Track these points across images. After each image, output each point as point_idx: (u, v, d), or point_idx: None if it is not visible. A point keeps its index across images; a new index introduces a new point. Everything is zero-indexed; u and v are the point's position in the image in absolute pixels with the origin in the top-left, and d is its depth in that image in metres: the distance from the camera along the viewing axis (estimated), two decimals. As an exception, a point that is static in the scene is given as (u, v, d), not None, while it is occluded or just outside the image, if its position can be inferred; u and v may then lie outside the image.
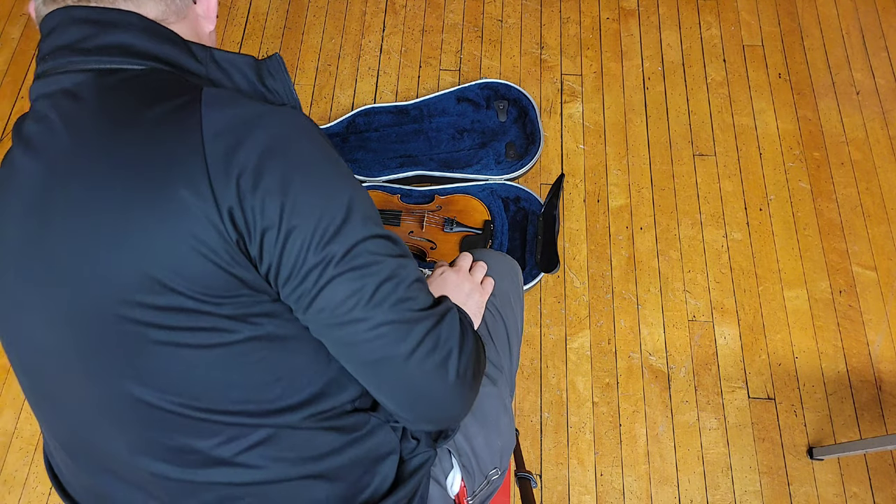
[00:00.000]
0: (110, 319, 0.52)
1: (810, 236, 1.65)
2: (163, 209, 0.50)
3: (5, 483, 1.42)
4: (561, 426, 1.46)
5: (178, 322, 0.52)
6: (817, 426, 1.46)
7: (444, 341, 0.59)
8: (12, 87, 1.86)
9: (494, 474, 0.86)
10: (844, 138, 1.77)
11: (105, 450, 0.58)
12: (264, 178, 0.52)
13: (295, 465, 0.59)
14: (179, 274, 0.51)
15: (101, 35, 0.56)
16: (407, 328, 0.57)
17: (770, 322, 1.55)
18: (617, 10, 1.96)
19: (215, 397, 0.55)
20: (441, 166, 1.67)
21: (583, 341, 1.54)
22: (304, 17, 1.96)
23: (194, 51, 0.60)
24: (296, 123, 0.56)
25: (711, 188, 1.71)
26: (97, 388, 0.56)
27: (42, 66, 0.57)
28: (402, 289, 0.57)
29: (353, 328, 0.55)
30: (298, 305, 0.55)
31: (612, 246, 1.64)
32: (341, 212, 0.55)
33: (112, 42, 0.56)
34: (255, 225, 0.52)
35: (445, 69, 1.88)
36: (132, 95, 0.55)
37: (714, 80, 1.85)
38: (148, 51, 0.57)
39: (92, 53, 0.56)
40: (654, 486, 1.40)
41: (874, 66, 1.87)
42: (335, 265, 0.53)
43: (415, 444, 0.70)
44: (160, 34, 0.58)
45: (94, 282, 0.52)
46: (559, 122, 1.79)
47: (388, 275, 0.56)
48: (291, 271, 0.53)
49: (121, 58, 0.56)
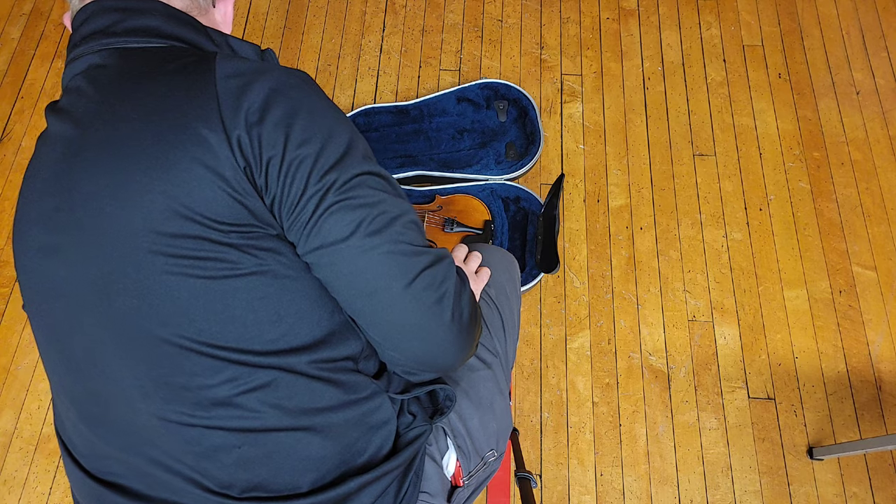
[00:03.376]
0: (127, 250, 0.55)
1: (810, 236, 1.65)
2: (178, 141, 0.54)
3: (5, 483, 1.42)
4: (561, 426, 1.46)
5: (187, 250, 0.54)
6: (817, 426, 1.46)
7: (441, 281, 0.61)
8: (12, 87, 1.86)
9: (491, 456, 0.87)
10: (844, 138, 1.77)
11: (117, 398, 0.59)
12: (270, 111, 0.55)
13: (292, 415, 0.59)
14: (193, 201, 0.54)
15: (128, 20, 0.61)
16: (404, 260, 0.58)
17: (770, 322, 1.55)
18: (617, 10, 1.96)
19: (218, 331, 0.56)
20: (441, 166, 1.67)
21: (583, 341, 1.54)
22: (304, 17, 1.96)
23: (212, 35, 0.65)
24: (302, 77, 0.60)
25: (711, 188, 1.71)
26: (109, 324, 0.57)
27: (74, 51, 0.62)
28: (399, 224, 0.59)
29: (350, 257, 0.57)
30: (300, 236, 0.57)
31: (612, 246, 1.64)
32: (342, 146, 0.58)
33: (138, 25, 0.61)
34: (262, 153, 0.55)
35: (445, 69, 1.88)
36: (153, 59, 0.59)
37: (714, 80, 1.85)
38: (172, 32, 0.62)
39: (120, 35, 0.61)
40: (654, 486, 1.40)
41: (874, 66, 1.87)
42: (335, 192, 0.56)
43: (411, 419, 0.71)
44: (182, 20, 0.63)
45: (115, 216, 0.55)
46: (559, 122, 1.79)
47: (387, 209, 0.58)
48: (294, 200, 0.56)
49: (146, 38, 0.61)
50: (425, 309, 0.59)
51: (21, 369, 1.53)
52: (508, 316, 0.96)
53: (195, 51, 0.62)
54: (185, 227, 0.54)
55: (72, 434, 0.65)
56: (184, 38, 0.63)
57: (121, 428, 0.60)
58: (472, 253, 0.89)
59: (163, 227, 0.54)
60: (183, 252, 0.54)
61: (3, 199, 1.72)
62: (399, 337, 0.61)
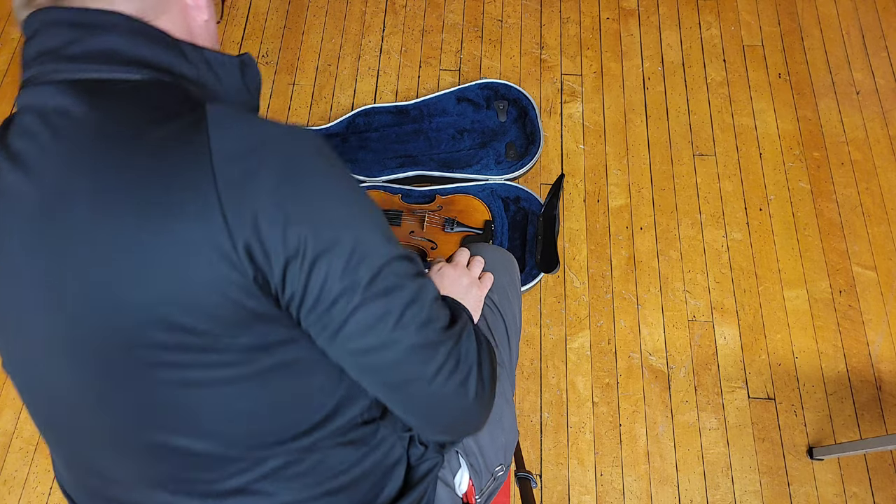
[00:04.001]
0: (117, 355, 0.50)
1: (810, 236, 1.65)
2: (173, 241, 0.47)
3: (5, 483, 1.42)
4: (561, 426, 1.46)
5: (189, 360, 0.50)
6: (817, 426, 1.46)
7: (465, 360, 0.59)
8: (12, 87, 1.86)
9: (500, 470, 0.87)
10: (844, 138, 1.77)
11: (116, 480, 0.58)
12: (283, 208, 0.48)
13: (309, 487, 0.58)
14: (191, 310, 0.48)
15: (85, 39, 0.52)
16: (431, 350, 0.56)
17: (770, 322, 1.55)
18: (617, 10, 1.96)
19: (228, 433, 0.54)
20: (441, 166, 1.67)
21: (583, 341, 1.54)
22: (304, 17, 1.96)
23: (186, 52, 0.56)
24: (307, 145, 0.53)
25: (711, 188, 1.71)
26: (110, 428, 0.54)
27: (27, 72, 0.54)
28: (424, 311, 0.56)
29: (378, 353, 0.54)
30: (322, 333, 0.54)
31: (612, 246, 1.64)
32: (363, 235, 0.53)
33: (99, 48, 0.52)
34: (277, 256, 0.49)
35: (445, 69, 1.88)
36: (131, 113, 0.51)
37: (714, 80, 1.85)
38: (137, 56, 0.53)
39: (79, 60, 0.52)
40: (654, 486, 1.40)
41: (874, 66, 1.87)
42: (362, 291, 0.51)
43: (422, 451, 0.70)
44: (148, 35, 0.54)
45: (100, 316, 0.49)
46: (559, 122, 1.79)
47: (412, 297, 0.55)
48: (316, 300, 0.51)
49: (110, 66, 0.52)
50: (451, 392, 0.58)
51: (21, 369, 1.53)
52: (511, 320, 0.96)
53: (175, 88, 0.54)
54: (187, 339, 0.49)
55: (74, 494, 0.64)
56: (154, 64, 0.53)
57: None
58: (475, 258, 0.87)
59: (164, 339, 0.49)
60: (187, 361, 0.50)
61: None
62: (425, 416, 0.61)
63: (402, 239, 1.54)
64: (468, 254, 0.88)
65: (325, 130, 1.73)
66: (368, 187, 1.65)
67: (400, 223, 1.56)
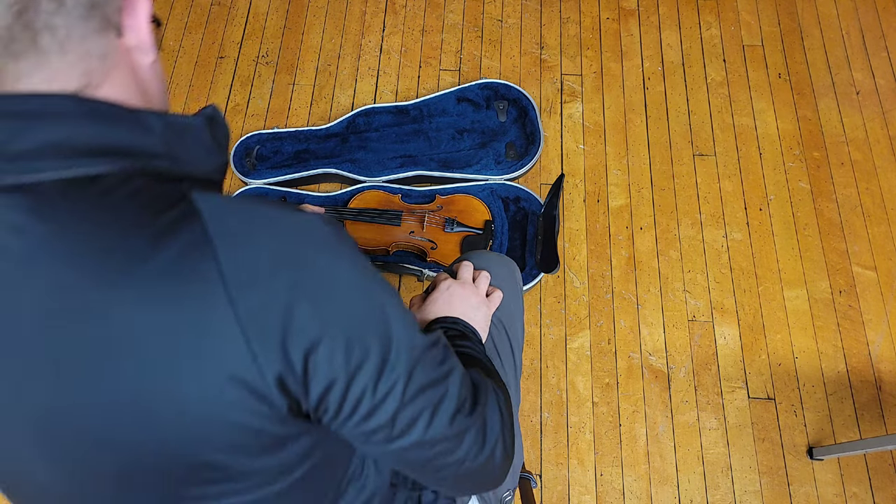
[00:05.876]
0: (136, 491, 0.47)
1: (810, 236, 1.65)
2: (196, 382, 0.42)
3: (5, 483, 1.42)
4: (561, 426, 1.46)
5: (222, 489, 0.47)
6: (817, 426, 1.46)
7: (490, 435, 0.60)
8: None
9: (508, 496, 0.87)
10: (844, 138, 1.77)
11: None
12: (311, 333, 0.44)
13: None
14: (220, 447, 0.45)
15: (27, 132, 0.41)
16: (460, 438, 0.56)
17: (770, 322, 1.55)
18: (617, 10, 1.96)
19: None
20: (441, 166, 1.67)
21: (583, 341, 1.54)
22: (304, 17, 1.96)
23: (149, 123, 0.46)
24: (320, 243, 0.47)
25: (711, 188, 1.71)
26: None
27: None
28: (454, 402, 0.55)
29: (411, 452, 0.54)
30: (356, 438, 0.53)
31: (612, 246, 1.64)
32: (391, 334, 0.49)
33: (46, 141, 0.41)
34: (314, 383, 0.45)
35: (445, 69, 1.88)
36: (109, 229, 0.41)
37: (714, 80, 1.85)
38: (95, 144, 0.43)
39: (25, 159, 0.41)
40: (654, 486, 1.40)
41: (874, 66, 1.87)
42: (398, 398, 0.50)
43: (433, 497, 0.71)
44: (102, 115, 0.44)
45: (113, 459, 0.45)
46: (559, 122, 1.79)
47: (443, 392, 0.54)
48: (352, 412, 0.48)
49: (62, 160, 0.42)
50: (479, 465, 0.59)
51: (21, 369, 1.53)
52: (515, 337, 0.95)
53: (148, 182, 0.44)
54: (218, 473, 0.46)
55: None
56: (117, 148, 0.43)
57: None
58: (482, 273, 0.85)
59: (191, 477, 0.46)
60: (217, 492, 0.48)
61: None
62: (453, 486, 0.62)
63: (402, 239, 1.54)
64: (472, 268, 0.86)
65: (324, 130, 1.73)
66: (368, 187, 1.65)
67: (400, 223, 1.56)
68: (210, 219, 0.42)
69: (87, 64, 0.43)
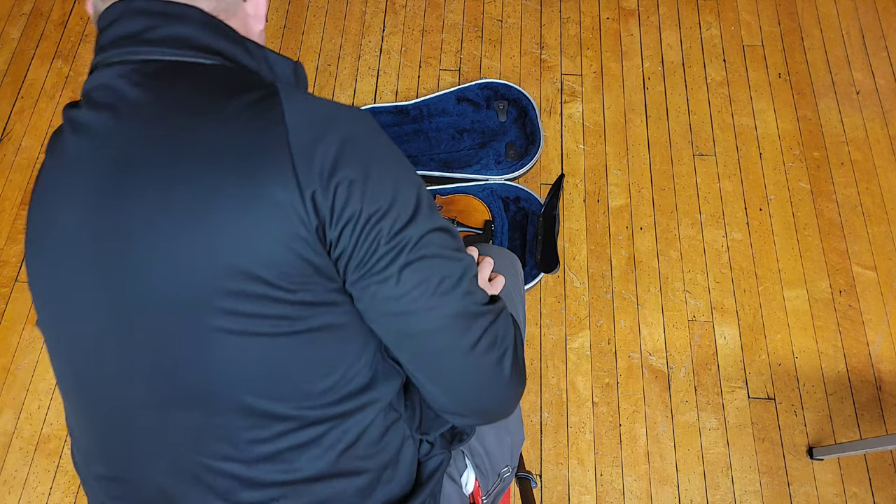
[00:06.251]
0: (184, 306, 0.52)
1: (810, 236, 1.65)
2: (248, 196, 0.51)
3: (5, 483, 1.42)
4: (561, 426, 1.46)
5: (248, 308, 0.52)
6: (817, 426, 1.46)
7: (502, 339, 0.61)
8: (12, 87, 1.86)
9: (506, 472, 0.87)
10: (844, 138, 1.77)
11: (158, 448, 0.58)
12: (345, 167, 0.53)
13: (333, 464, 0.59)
14: (260, 260, 0.52)
15: (164, 26, 0.56)
16: (469, 321, 0.58)
17: (770, 322, 1.55)
18: (617, 10, 1.96)
19: (270, 388, 0.55)
20: (441, 166, 1.67)
21: (583, 341, 1.54)
22: (304, 17, 1.96)
23: (249, 48, 0.61)
24: (369, 122, 0.59)
25: (711, 188, 1.71)
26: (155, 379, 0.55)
27: (100, 56, 0.57)
28: (465, 282, 0.58)
29: (417, 318, 0.56)
30: (364, 293, 0.56)
31: (612, 246, 1.64)
32: (412, 201, 0.56)
33: (176, 34, 0.57)
34: (337, 211, 0.53)
35: (445, 69, 1.88)
36: (204, 88, 0.55)
37: (714, 80, 1.85)
38: (210, 45, 0.58)
39: (156, 44, 0.56)
40: (654, 486, 1.40)
41: (874, 66, 1.87)
42: (407, 253, 0.55)
43: (429, 448, 0.70)
44: (219, 29, 0.59)
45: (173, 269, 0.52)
46: (559, 122, 1.79)
47: (454, 267, 0.57)
48: (364, 258, 0.54)
49: (183, 50, 0.57)
50: (488, 368, 0.59)
51: (21, 369, 1.53)
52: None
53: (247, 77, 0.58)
54: (249, 287, 0.52)
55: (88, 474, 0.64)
56: (224, 53, 0.59)
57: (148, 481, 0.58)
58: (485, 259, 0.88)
59: (225, 286, 0.51)
60: (243, 310, 0.52)
61: (3, 198, 1.72)
62: (459, 392, 0.61)
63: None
64: (477, 253, 0.88)
65: (325, 130, 1.73)
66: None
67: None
68: (282, 89, 0.55)
69: (218, 4, 0.60)
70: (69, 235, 0.55)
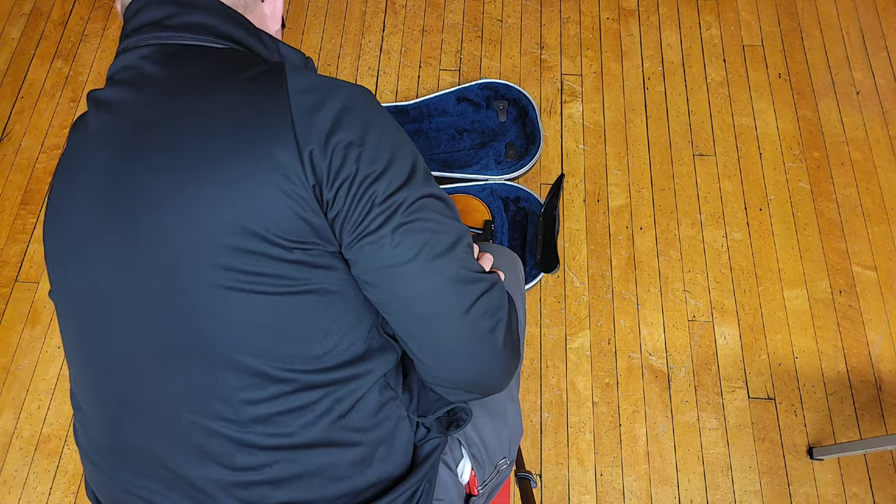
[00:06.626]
0: (187, 261, 0.54)
1: (810, 236, 1.65)
2: (250, 157, 0.54)
3: (5, 483, 1.42)
4: (561, 426, 1.46)
5: (247, 265, 0.54)
6: (817, 426, 1.46)
7: (496, 308, 0.61)
8: (12, 87, 1.86)
9: (504, 464, 0.87)
10: (844, 138, 1.77)
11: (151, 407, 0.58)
12: (343, 129, 0.55)
13: (325, 432, 0.59)
14: (260, 218, 0.54)
15: (185, 14, 0.61)
16: (464, 286, 0.58)
17: (770, 322, 1.55)
18: (617, 10, 1.96)
19: (266, 347, 0.56)
20: (441, 166, 1.67)
21: (583, 341, 1.54)
22: (304, 17, 1.96)
23: (264, 39, 0.65)
24: (368, 94, 0.61)
25: (711, 188, 1.71)
26: (157, 334, 0.56)
27: (125, 42, 0.62)
28: (459, 249, 0.59)
29: (411, 280, 0.57)
30: (359, 255, 0.57)
31: (612, 246, 1.64)
32: (408, 166, 0.58)
33: (195, 20, 0.61)
34: (333, 171, 0.55)
35: (445, 69, 1.88)
36: (218, 64, 0.59)
37: (714, 80, 1.85)
38: (227, 32, 0.62)
39: (176, 30, 0.61)
40: (654, 486, 1.40)
41: (874, 66, 1.87)
42: (400, 214, 0.56)
43: (425, 432, 0.70)
44: (236, 19, 0.63)
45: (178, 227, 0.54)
46: (559, 122, 1.79)
47: (448, 233, 0.58)
48: (359, 219, 0.55)
49: (201, 35, 0.61)
50: (480, 336, 0.60)
51: (21, 369, 1.53)
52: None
53: (258, 59, 0.62)
54: (249, 243, 0.54)
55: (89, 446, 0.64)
56: (239, 41, 0.63)
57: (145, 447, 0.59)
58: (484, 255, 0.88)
59: (226, 241, 0.54)
60: (243, 267, 0.54)
61: (3, 198, 1.72)
62: (451, 360, 0.61)
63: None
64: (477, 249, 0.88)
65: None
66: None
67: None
68: (289, 65, 0.59)
69: (236, 2, 0.65)
70: (84, 197, 0.58)
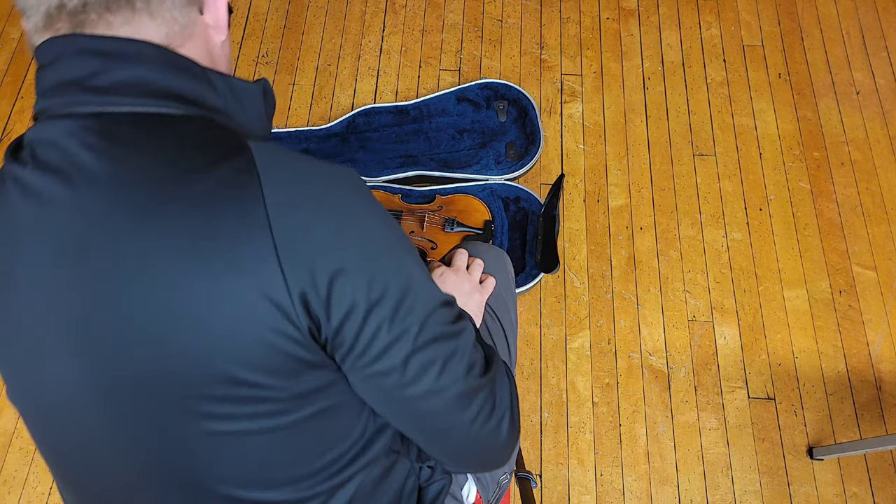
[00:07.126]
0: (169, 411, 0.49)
1: (810, 236, 1.65)
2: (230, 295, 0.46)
3: (5, 483, 1.42)
4: (561, 426, 1.46)
5: (238, 410, 0.49)
6: (817, 426, 1.46)
7: (500, 404, 0.61)
8: (12, 87, 1.86)
9: (505, 479, 0.87)
10: (844, 138, 1.77)
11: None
12: (338, 260, 0.48)
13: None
14: (247, 363, 0.47)
15: (113, 70, 0.49)
16: (470, 398, 0.57)
17: (770, 322, 1.55)
18: (617, 10, 1.96)
19: (266, 477, 0.54)
20: (441, 166, 1.67)
21: (583, 341, 1.54)
22: (304, 17, 1.96)
23: (213, 81, 0.54)
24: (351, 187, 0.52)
25: (711, 188, 1.71)
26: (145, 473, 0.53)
27: (43, 102, 0.51)
28: (466, 357, 0.57)
29: (421, 402, 0.55)
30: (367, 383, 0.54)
31: (612, 246, 1.64)
32: (410, 283, 0.53)
33: (127, 79, 0.49)
34: (332, 310, 0.48)
35: (445, 69, 1.88)
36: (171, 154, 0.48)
37: (714, 80, 1.85)
38: (167, 88, 0.51)
39: (106, 93, 0.49)
40: (654, 486, 1.40)
41: (874, 66, 1.87)
42: (412, 341, 0.52)
43: (430, 473, 0.71)
44: (177, 65, 0.52)
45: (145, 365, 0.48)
46: (559, 122, 1.79)
47: (455, 346, 0.56)
48: (366, 348, 0.51)
49: (139, 98, 0.50)
50: (486, 435, 0.60)
51: (21, 369, 1.53)
52: (508, 323, 0.95)
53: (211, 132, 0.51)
54: (237, 390, 0.48)
55: None
56: (185, 97, 0.51)
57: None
58: (475, 261, 0.87)
59: (212, 391, 0.48)
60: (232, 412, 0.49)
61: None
62: (457, 457, 0.63)
63: (402, 239, 1.54)
64: (467, 256, 0.87)
65: (325, 130, 1.73)
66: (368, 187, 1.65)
67: (400, 223, 1.56)
68: (258, 154, 0.48)
69: (170, 28, 0.51)
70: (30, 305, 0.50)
